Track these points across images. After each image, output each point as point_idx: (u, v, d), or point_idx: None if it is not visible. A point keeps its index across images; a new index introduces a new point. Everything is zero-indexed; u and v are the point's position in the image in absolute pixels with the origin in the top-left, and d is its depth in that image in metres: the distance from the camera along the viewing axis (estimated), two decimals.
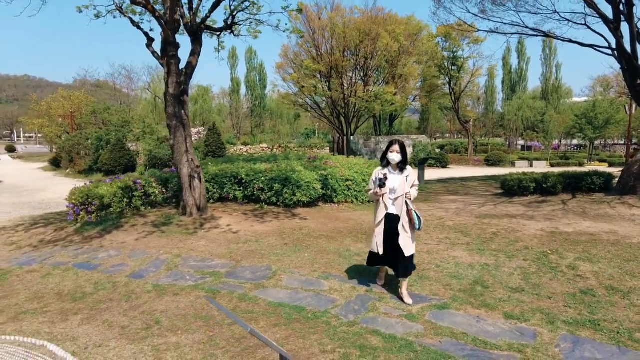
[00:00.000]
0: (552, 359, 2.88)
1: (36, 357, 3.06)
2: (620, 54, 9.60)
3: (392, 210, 3.95)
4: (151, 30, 7.83)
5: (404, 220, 3.89)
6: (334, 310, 3.75)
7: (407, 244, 3.90)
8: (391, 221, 3.96)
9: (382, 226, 4.02)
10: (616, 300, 3.83)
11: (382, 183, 3.89)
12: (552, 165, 27.90)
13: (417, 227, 3.92)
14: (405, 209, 3.89)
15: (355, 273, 4.72)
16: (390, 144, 3.96)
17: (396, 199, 3.92)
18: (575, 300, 3.87)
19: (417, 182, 4.05)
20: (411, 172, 4.00)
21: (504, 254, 5.41)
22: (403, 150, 3.92)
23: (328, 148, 28.57)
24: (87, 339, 3.30)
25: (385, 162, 4.02)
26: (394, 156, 3.89)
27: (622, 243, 5.77)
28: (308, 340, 3.19)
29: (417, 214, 3.93)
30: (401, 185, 3.90)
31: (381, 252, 4.03)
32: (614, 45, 9.78)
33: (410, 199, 3.90)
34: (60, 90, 35.02)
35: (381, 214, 4.00)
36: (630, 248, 5.51)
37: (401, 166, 3.96)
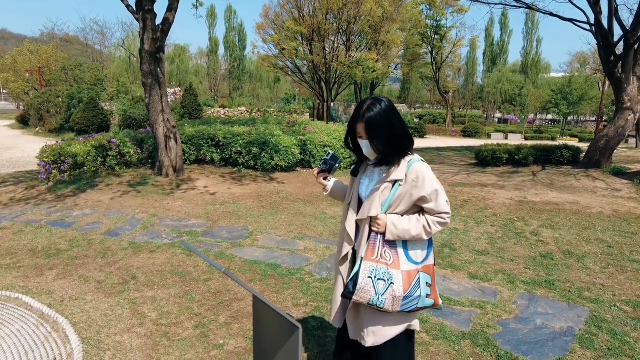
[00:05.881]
0: (508, 314, 3.10)
1: (11, 308, 3.10)
2: (597, 29, 9.74)
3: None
4: None
5: (363, 273, 1.73)
6: (307, 267, 3.89)
7: (361, 325, 1.86)
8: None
9: (345, 270, 1.92)
10: (571, 263, 4.11)
11: (327, 161, 2.01)
12: (526, 139, 28.61)
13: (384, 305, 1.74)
14: (369, 250, 1.77)
15: (330, 234, 4.86)
16: (355, 112, 1.77)
17: (360, 222, 1.86)
18: (535, 263, 4.12)
19: (436, 206, 1.75)
20: (414, 175, 1.73)
21: (473, 220, 5.65)
22: (373, 129, 1.70)
23: (308, 114, 28.35)
24: (63, 293, 3.34)
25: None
26: (363, 145, 1.79)
27: (582, 212, 6.10)
28: (282, 295, 3.32)
29: (420, 288, 1.78)
30: (372, 197, 1.79)
31: (338, 325, 1.99)
32: (592, 21, 9.89)
33: (382, 233, 1.76)
34: (26, 43, 33.03)
35: (344, 248, 1.92)
36: (589, 217, 5.84)
37: (385, 160, 1.77)
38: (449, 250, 4.42)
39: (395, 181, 1.75)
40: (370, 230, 1.79)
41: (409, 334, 1.94)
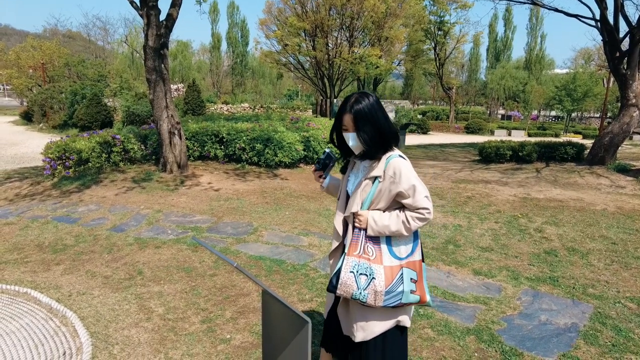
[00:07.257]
0: (513, 310, 3.12)
1: (20, 303, 3.13)
2: (602, 25, 9.69)
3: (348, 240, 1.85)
4: None
5: (345, 268, 1.76)
6: (312, 263, 3.91)
7: (351, 321, 1.87)
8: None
9: (334, 265, 1.93)
10: (575, 260, 4.11)
11: (321, 160, 1.97)
12: (529, 135, 28.48)
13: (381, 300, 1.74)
14: (352, 246, 1.79)
15: None
16: (342, 105, 1.78)
17: (348, 218, 1.86)
18: (539, 259, 4.13)
19: (413, 201, 1.72)
20: (391, 171, 1.73)
21: (476, 216, 5.65)
22: (360, 121, 1.72)
23: (311, 110, 28.34)
24: (71, 287, 3.37)
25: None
26: (349, 138, 1.78)
27: (586, 209, 6.09)
28: (287, 290, 3.35)
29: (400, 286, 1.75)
30: (355, 194, 1.82)
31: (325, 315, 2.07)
32: (597, 16, 9.84)
33: (364, 229, 1.78)
34: (29, 39, 33.02)
35: (333, 243, 1.96)
36: (593, 214, 5.84)
37: (369, 153, 1.78)
38: (453, 247, 4.44)
39: (375, 178, 1.77)
40: (354, 226, 1.82)
41: (401, 329, 1.92)
